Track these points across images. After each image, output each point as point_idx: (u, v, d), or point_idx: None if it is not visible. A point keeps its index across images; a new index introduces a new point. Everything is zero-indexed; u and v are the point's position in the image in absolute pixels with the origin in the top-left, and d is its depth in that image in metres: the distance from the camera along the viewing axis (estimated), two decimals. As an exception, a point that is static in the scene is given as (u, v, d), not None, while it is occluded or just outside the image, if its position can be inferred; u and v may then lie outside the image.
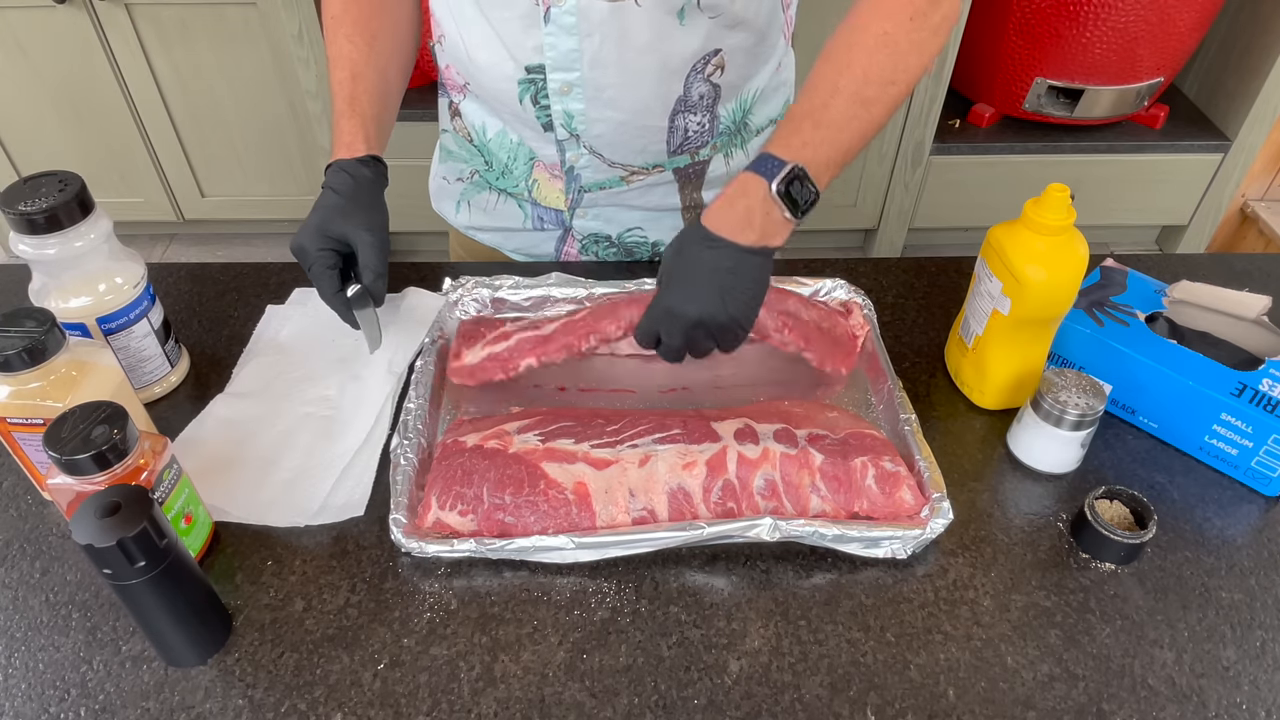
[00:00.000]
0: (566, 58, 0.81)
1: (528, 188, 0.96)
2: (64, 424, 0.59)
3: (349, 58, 0.85)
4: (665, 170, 0.93)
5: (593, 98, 0.84)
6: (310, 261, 0.77)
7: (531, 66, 0.83)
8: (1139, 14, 1.87)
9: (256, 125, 2.21)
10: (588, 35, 0.79)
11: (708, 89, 0.86)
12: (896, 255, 2.39)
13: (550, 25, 0.79)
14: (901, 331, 0.91)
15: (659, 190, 0.95)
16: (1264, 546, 0.72)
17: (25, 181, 0.72)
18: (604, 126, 0.86)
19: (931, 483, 0.71)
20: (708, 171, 0.95)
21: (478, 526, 0.69)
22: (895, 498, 0.70)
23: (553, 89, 0.84)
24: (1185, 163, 2.22)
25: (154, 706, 0.60)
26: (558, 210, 0.96)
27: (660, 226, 0.99)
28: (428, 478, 0.72)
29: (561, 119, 0.86)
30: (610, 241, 0.99)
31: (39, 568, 0.69)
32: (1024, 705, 0.61)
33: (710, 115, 0.89)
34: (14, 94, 2.13)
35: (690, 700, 0.61)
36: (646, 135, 0.88)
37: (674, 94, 0.85)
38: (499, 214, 1.01)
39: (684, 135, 0.89)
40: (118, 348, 0.77)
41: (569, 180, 0.93)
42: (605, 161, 0.90)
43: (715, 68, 0.84)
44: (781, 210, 0.70)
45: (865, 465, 0.71)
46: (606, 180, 0.92)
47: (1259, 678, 0.63)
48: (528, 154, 0.93)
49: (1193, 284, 0.83)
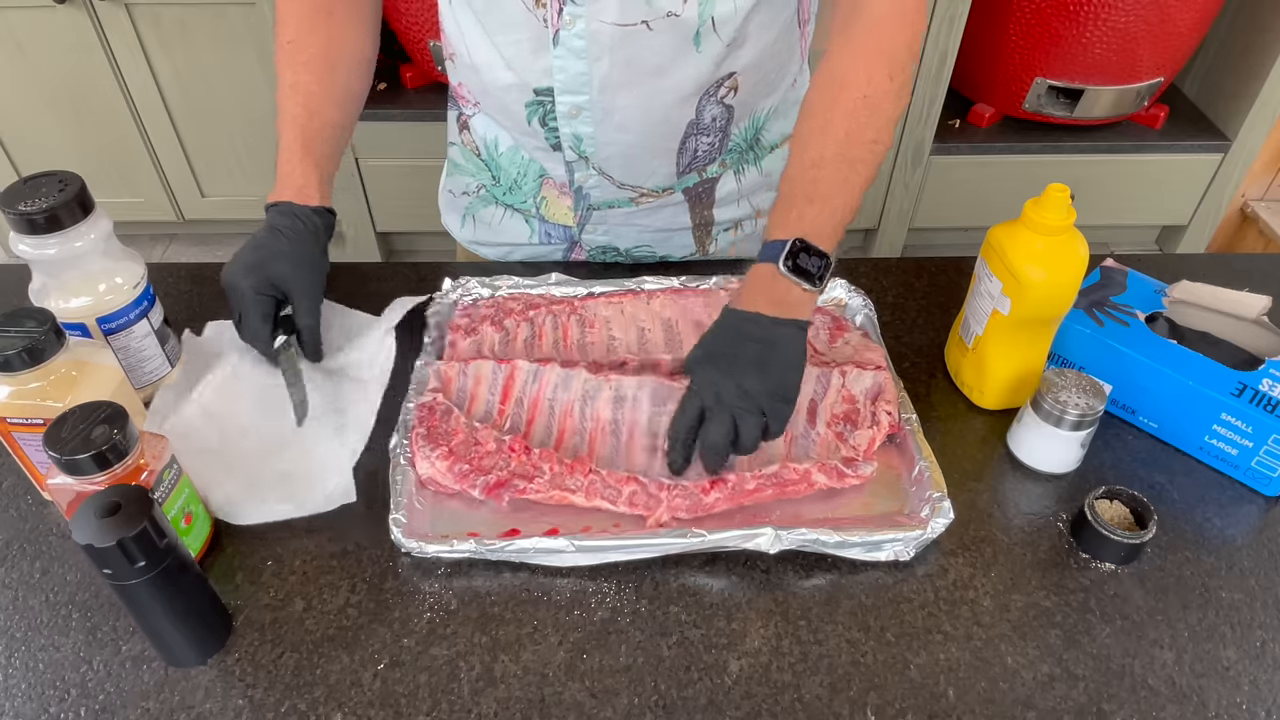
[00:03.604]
0: (575, 81, 0.80)
1: (536, 204, 0.95)
2: (64, 424, 0.59)
3: (306, 90, 0.82)
4: (675, 192, 0.92)
5: (602, 121, 0.83)
6: (244, 303, 0.75)
7: (540, 89, 0.82)
8: (1139, 14, 1.87)
9: (256, 125, 2.21)
10: (597, 59, 0.78)
11: (720, 110, 0.85)
12: (896, 255, 2.39)
13: (559, 48, 0.78)
14: (901, 331, 0.91)
15: (669, 210, 0.94)
16: (1264, 546, 0.72)
17: (25, 181, 0.72)
18: (613, 149, 0.86)
19: (932, 482, 0.71)
20: (718, 189, 0.94)
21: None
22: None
23: (561, 111, 0.83)
24: (1185, 163, 2.22)
25: (154, 706, 0.60)
26: (566, 226, 0.96)
27: (669, 244, 0.98)
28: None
29: (570, 141, 0.85)
30: (619, 253, 0.99)
31: (39, 568, 0.69)
32: (1024, 705, 0.61)
33: (722, 135, 0.88)
34: (14, 94, 2.13)
35: (690, 700, 0.61)
36: (657, 158, 0.87)
37: (685, 118, 0.84)
38: (503, 229, 0.99)
39: (693, 155, 0.88)
40: (118, 348, 0.77)
41: (578, 199, 0.92)
42: (614, 183, 0.89)
43: (729, 89, 0.83)
44: (797, 284, 0.70)
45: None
46: (615, 200, 0.92)
47: (1259, 678, 0.63)
48: (538, 170, 0.92)
49: (1193, 284, 0.83)
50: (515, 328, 0.85)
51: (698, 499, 0.70)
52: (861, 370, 0.78)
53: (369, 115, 2.11)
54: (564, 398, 0.77)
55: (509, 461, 0.71)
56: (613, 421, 0.77)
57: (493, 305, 0.88)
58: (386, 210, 2.27)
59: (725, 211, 0.97)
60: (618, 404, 0.77)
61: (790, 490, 0.71)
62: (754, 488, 0.71)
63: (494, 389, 0.78)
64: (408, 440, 0.74)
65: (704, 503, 0.70)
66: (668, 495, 0.70)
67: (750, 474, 0.71)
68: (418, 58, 2.14)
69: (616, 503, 0.70)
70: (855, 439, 0.75)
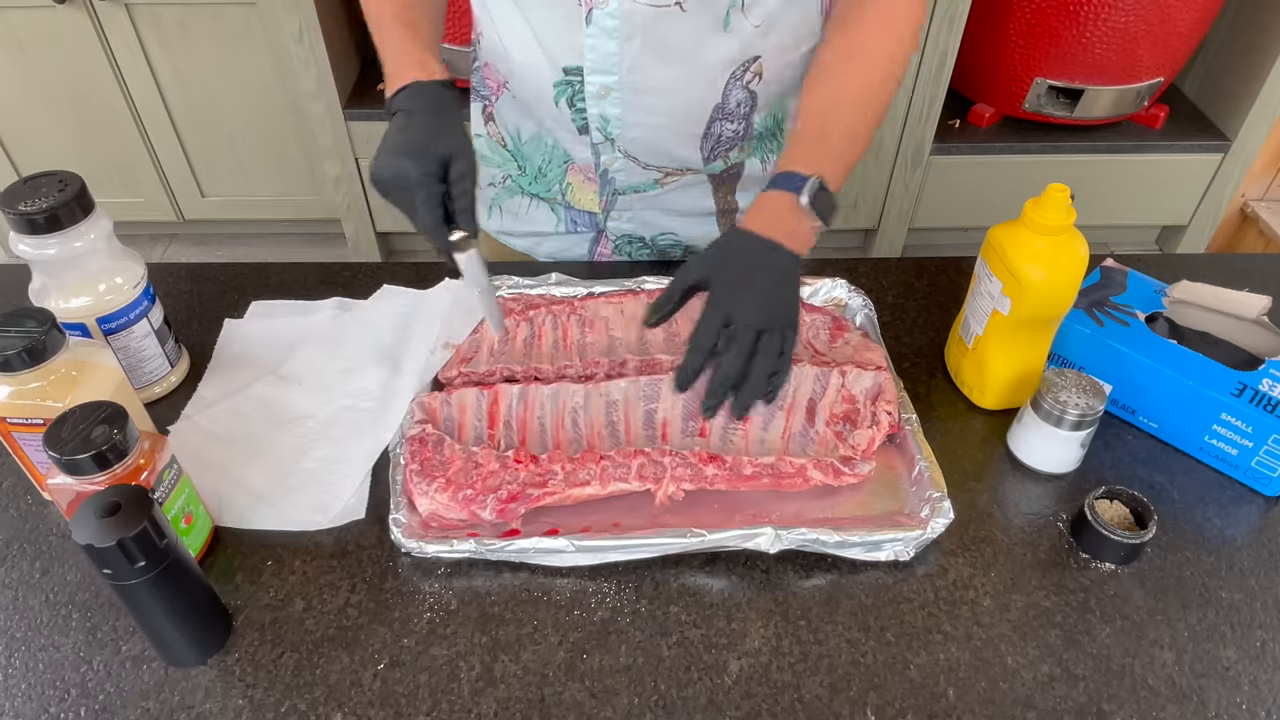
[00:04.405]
0: (606, 60, 0.80)
1: (561, 190, 0.96)
2: (64, 424, 0.59)
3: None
4: (700, 173, 0.93)
5: (630, 102, 0.84)
6: (414, 187, 0.68)
7: (569, 68, 0.82)
8: (1139, 14, 1.87)
9: (256, 125, 2.21)
10: (629, 39, 0.79)
11: (745, 96, 0.86)
12: (896, 255, 2.39)
13: (592, 27, 0.78)
14: (901, 331, 0.91)
15: (693, 192, 0.95)
16: (1264, 546, 0.72)
17: (25, 181, 0.72)
18: (640, 131, 0.86)
19: (932, 482, 0.71)
20: (743, 173, 0.95)
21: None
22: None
23: (590, 92, 0.83)
24: (1185, 163, 2.21)
25: (154, 706, 0.60)
26: (591, 213, 0.96)
27: (693, 229, 0.99)
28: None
29: (598, 122, 0.86)
30: (644, 243, 1.00)
31: (39, 568, 0.69)
32: (1024, 705, 0.61)
33: (746, 123, 0.89)
34: (14, 94, 2.13)
35: (690, 700, 0.61)
36: (682, 141, 0.88)
37: (712, 101, 0.85)
38: (530, 219, 1.00)
39: (716, 140, 0.89)
40: (118, 348, 0.77)
41: (603, 183, 0.93)
42: (640, 165, 0.90)
43: (754, 75, 0.84)
44: (812, 219, 0.73)
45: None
46: (640, 183, 0.92)
47: (1259, 678, 0.63)
48: (563, 157, 0.93)
49: (1193, 284, 0.83)
50: (515, 327, 0.85)
51: (699, 470, 0.71)
52: (861, 370, 0.78)
53: (369, 115, 2.12)
54: (553, 411, 0.77)
55: (517, 474, 0.71)
56: (609, 424, 0.77)
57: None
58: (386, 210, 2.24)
59: (748, 198, 0.97)
60: (610, 408, 0.77)
61: (786, 483, 0.71)
62: (750, 474, 0.71)
63: (480, 415, 0.77)
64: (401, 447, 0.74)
65: (705, 475, 0.71)
66: (671, 462, 0.71)
67: (748, 459, 0.72)
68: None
69: (628, 479, 0.70)
70: (855, 439, 0.75)
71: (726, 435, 0.76)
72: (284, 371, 0.83)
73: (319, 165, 2.23)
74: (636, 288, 0.90)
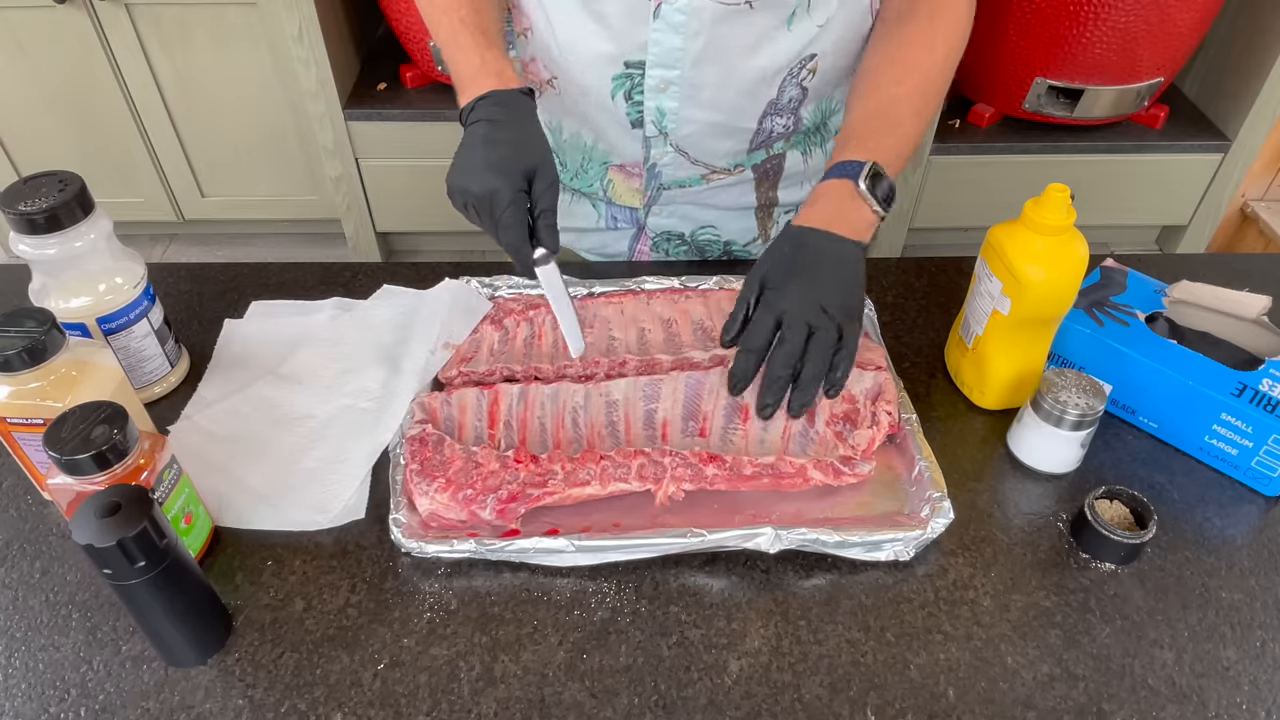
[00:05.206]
0: (670, 55, 0.81)
1: (603, 187, 0.96)
2: (64, 424, 0.59)
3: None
4: (745, 169, 0.93)
5: (688, 97, 0.84)
6: (502, 209, 0.67)
7: (631, 62, 0.82)
8: (1139, 14, 1.87)
9: (256, 125, 2.21)
10: (694, 35, 0.79)
11: (797, 92, 0.87)
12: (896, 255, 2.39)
13: (658, 21, 0.79)
14: (901, 331, 0.91)
15: (736, 189, 0.95)
16: (1264, 546, 0.72)
17: (25, 181, 0.72)
18: (694, 126, 0.87)
19: (932, 482, 0.71)
20: (784, 168, 0.95)
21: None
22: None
23: (650, 85, 0.83)
24: (1185, 163, 2.21)
25: (154, 706, 0.60)
26: (632, 208, 0.97)
27: (733, 225, 1.00)
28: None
29: (653, 115, 0.86)
30: (683, 239, 1.00)
31: (39, 568, 0.69)
32: (1024, 705, 0.61)
33: (795, 117, 0.90)
34: (14, 94, 2.13)
35: (690, 700, 0.61)
36: (734, 136, 0.89)
37: (767, 97, 0.85)
38: (572, 214, 1.01)
39: (767, 135, 0.90)
40: (118, 348, 0.77)
41: (649, 177, 0.93)
42: (689, 159, 0.90)
43: (809, 72, 0.85)
44: (871, 205, 0.74)
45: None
46: (687, 179, 0.93)
47: (1259, 678, 0.63)
48: (601, 156, 0.93)
49: (1193, 284, 0.83)
50: (515, 327, 0.85)
51: (699, 470, 0.71)
52: (861, 370, 0.78)
53: (369, 115, 2.13)
54: (553, 410, 0.77)
55: (517, 474, 0.71)
56: (609, 424, 0.77)
57: (493, 305, 0.88)
58: (386, 210, 2.26)
59: (789, 193, 0.98)
60: (610, 408, 0.77)
61: (786, 483, 0.71)
62: (750, 474, 0.71)
63: (480, 415, 0.77)
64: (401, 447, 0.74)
65: (705, 475, 0.70)
66: (671, 462, 0.70)
67: (748, 459, 0.72)
68: (418, 58, 2.14)
69: (629, 479, 0.70)
70: (855, 439, 0.75)
71: (726, 435, 0.76)
72: (284, 371, 0.83)
73: (319, 165, 2.23)
74: (636, 288, 0.90)
